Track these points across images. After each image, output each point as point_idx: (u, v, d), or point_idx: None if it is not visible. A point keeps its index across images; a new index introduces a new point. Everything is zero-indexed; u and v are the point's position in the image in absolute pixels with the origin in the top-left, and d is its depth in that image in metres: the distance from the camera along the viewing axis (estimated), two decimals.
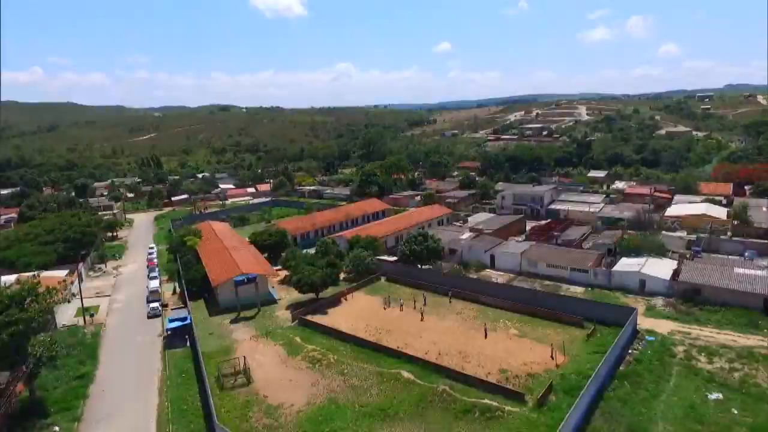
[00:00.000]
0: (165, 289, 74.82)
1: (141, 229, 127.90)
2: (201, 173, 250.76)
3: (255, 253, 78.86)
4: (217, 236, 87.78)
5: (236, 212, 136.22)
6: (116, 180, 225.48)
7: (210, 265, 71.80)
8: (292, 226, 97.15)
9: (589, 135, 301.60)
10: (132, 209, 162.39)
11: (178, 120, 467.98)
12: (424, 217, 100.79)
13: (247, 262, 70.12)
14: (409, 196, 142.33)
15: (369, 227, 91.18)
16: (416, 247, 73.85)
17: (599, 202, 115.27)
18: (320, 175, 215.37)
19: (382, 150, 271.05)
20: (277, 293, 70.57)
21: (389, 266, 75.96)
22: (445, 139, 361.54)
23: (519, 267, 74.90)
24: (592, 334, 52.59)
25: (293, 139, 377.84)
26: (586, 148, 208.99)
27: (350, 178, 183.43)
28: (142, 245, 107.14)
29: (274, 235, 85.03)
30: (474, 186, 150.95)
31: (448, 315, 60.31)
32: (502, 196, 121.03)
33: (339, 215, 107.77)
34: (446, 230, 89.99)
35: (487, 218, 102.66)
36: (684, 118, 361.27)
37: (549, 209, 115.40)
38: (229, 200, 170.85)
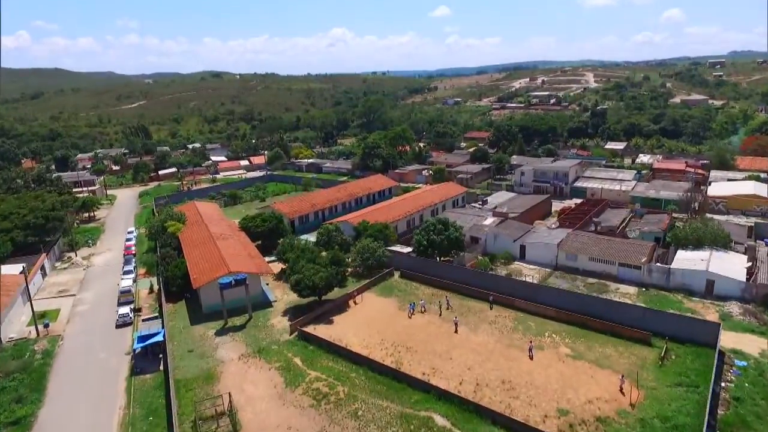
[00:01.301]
0: (141, 287, 63.83)
1: (123, 208, 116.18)
2: (192, 144, 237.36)
3: (246, 243, 67.65)
4: (202, 221, 76.38)
5: (227, 189, 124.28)
6: (100, 151, 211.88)
7: (192, 259, 60.61)
8: (289, 208, 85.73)
9: (600, 103, 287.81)
10: (116, 184, 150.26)
11: (168, 87, 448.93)
12: (438, 197, 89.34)
13: (235, 257, 58.96)
14: (416, 170, 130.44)
15: (376, 210, 79.90)
16: (435, 237, 62.74)
17: (630, 179, 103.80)
18: (318, 147, 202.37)
19: (382, 119, 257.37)
20: (273, 293, 59.73)
21: (403, 259, 64.99)
22: (447, 107, 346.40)
23: (555, 260, 64.06)
24: (665, 357, 42.12)
25: (289, 107, 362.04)
26: (601, 118, 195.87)
27: (351, 150, 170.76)
28: (122, 228, 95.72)
29: (269, 220, 73.70)
30: (486, 159, 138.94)
31: (480, 325, 49.69)
32: (521, 172, 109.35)
33: (341, 194, 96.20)
34: (465, 214, 78.76)
35: (509, 198, 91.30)
36: (696, 85, 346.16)
37: (574, 187, 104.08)
38: (220, 174, 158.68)
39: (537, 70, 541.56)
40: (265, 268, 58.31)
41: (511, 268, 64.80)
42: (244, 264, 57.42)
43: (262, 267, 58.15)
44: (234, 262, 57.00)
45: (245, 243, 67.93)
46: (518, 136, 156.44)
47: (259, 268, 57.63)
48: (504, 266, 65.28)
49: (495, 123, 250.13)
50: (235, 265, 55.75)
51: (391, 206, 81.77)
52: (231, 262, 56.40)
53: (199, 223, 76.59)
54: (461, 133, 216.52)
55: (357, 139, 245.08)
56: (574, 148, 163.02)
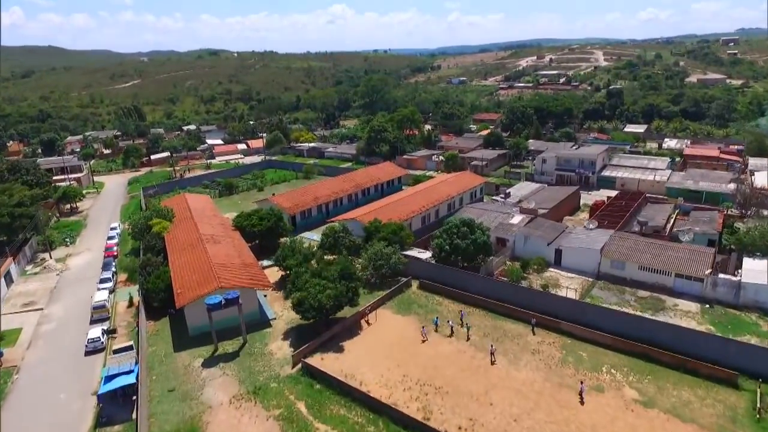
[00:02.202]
0: (120, 298, 55.34)
1: (109, 198, 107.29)
2: (187, 125, 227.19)
3: (240, 246, 58.92)
4: (192, 218, 67.57)
5: (223, 176, 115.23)
6: (90, 134, 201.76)
7: (177, 268, 51.98)
8: (290, 202, 76.83)
9: (612, 83, 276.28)
10: (105, 170, 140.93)
11: (164, 65, 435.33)
12: (455, 189, 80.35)
13: (227, 267, 50.31)
14: (426, 156, 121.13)
15: (388, 205, 71.03)
16: (459, 242, 54.03)
17: (663, 167, 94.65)
18: (320, 129, 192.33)
19: (385, 99, 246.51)
20: (271, 308, 51.28)
21: (422, 267, 56.37)
22: (452, 86, 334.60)
23: (597, 268, 55.45)
24: (763, 407, 33.79)
25: (288, 86, 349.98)
26: (618, 99, 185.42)
27: (354, 133, 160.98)
28: (107, 221, 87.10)
29: (267, 218, 64.88)
30: (501, 144, 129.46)
31: (521, 356, 41.30)
32: (542, 159, 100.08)
33: (347, 185, 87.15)
34: (486, 210, 69.87)
35: (533, 190, 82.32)
36: (710, 64, 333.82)
37: (601, 176, 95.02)
38: (216, 158, 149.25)
39: (543, 48, 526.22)
40: (263, 281, 49.68)
41: (546, 276, 56.25)
42: (238, 276, 48.81)
43: (258, 280, 49.54)
44: (225, 273, 48.39)
45: (239, 246, 59.23)
46: (533, 118, 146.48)
47: (255, 281, 49.03)
48: (537, 274, 56.75)
49: (504, 104, 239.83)
50: (226, 278, 47.18)
51: (404, 200, 72.85)
52: (222, 274, 47.79)
53: (188, 220, 67.79)
54: (469, 114, 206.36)
55: (360, 120, 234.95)
56: (592, 131, 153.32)
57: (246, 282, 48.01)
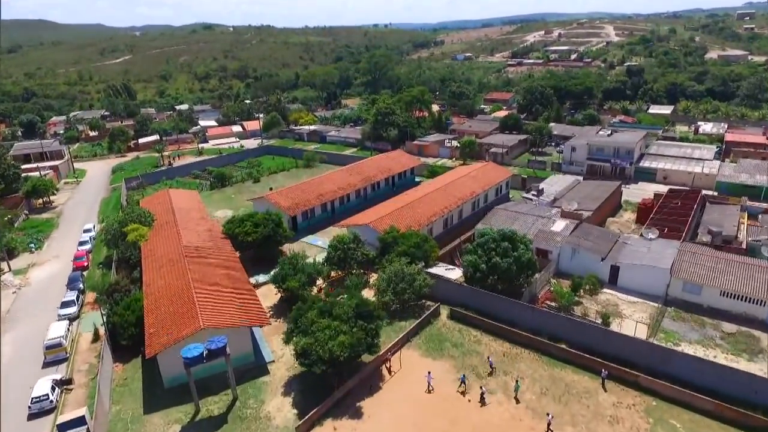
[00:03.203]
0: (84, 328, 45.44)
1: (90, 189, 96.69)
2: (180, 104, 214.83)
3: (231, 262, 48.73)
4: (175, 222, 57.31)
5: (215, 164, 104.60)
6: (77, 113, 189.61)
7: (152, 297, 41.96)
8: (289, 201, 66.42)
9: (627, 59, 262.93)
10: (89, 155, 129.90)
11: (156, 40, 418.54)
12: (479, 184, 69.92)
13: (214, 299, 40.21)
14: (439, 141, 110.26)
15: (404, 206, 60.64)
16: (499, 261, 43.98)
17: (710, 157, 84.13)
18: (321, 110, 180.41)
19: (388, 76, 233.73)
20: (269, 347, 41.46)
21: (452, 289, 46.47)
22: (457, 63, 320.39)
23: (665, 291, 45.59)
24: None
25: (286, 62, 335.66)
26: (639, 77, 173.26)
27: (358, 114, 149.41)
28: (83, 220, 76.96)
29: (263, 225, 54.66)
30: (519, 128, 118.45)
31: (595, 426, 31.64)
32: (571, 147, 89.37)
33: (354, 179, 76.63)
34: (520, 212, 59.56)
35: (568, 186, 72.00)
36: (727, 39, 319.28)
37: (638, 167, 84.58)
38: (209, 142, 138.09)
39: (549, 23, 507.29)
40: (259, 315, 39.52)
41: (602, 300, 46.41)
42: (227, 310, 38.80)
43: (253, 313, 39.46)
44: (211, 308, 38.36)
45: (230, 262, 49.11)
46: (553, 99, 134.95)
47: (249, 315, 38.95)
48: (589, 296, 46.95)
49: (513, 81, 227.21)
50: (211, 316, 37.20)
51: (423, 200, 62.44)
52: (206, 310, 37.78)
53: (170, 225, 57.53)
54: (477, 93, 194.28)
55: (362, 98, 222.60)
56: (614, 113, 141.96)
57: (237, 318, 38.06)
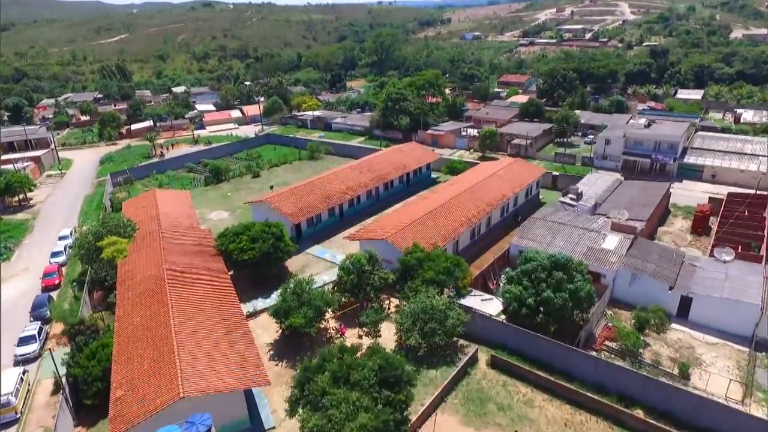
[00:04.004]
0: (44, 375, 37.53)
1: (74, 183, 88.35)
2: (177, 86, 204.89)
3: (223, 294, 40.40)
4: (159, 233, 48.95)
5: (211, 155, 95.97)
6: (67, 96, 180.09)
7: (123, 344, 33.84)
8: (292, 205, 57.84)
9: (645, 38, 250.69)
10: (78, 142, 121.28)
11: (153, 18, 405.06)
12: (509, 185, 61.13)
13: (200, 352, 32.06)
14: (454, 131, 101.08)
15: (424, 213, 51.95)
16: (551, 295, 35.66)
17: (764, 152, 74.98)
18: (325, 93, 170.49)
19: (395, 57, 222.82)
20: (269, 406, 33.47)
21: (490, 327, 38.27)
22: (466, 42, 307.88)
23: (753, 331, 37.29)
24: None
25: (288, 42, 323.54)
26: (664, 59, 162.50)
27: (365, 99, 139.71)
28: (62, 221, 68.92)
29: (261, 239, 46.30)
30: (541, 115, 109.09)
31: None
32: (605, 140, 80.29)
33: (364, 177, 67.89)
34: (562, 222, 51.02)
35: (609, 186, 63.26)
36: (749, 17, 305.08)
37: (682, 164, 75.62)
38: (206, 129, 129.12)
39: (560, 0, 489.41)
40: (256, 373, 31.26)
41: (672, 340, 38.19)
42: (215, 365, 30.70)
43: (249, 370, 31.26)
44: (194, 362, 30.25)
45: (222, 291, 40.83)
46: (576, 83, 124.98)
47: (243, 375, 30.79)
48: (656, 334, 38.73)
49: (526, 63, 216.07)
50: (195, 376, 29.12)
51: (447, 207, 53.77)
52: (188, 366, 29.70)
53: (153, 237, 49.21)
54: (489, 75, 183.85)
55: (367, 80, 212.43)
56: (641, 98, 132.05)
57: (228, 378, 29.96)
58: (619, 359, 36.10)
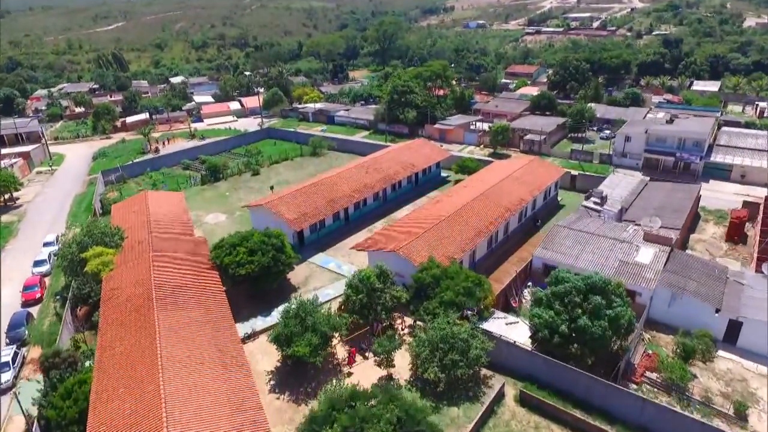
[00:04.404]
0: (16, 410, 33.52)
1: (65, 181, 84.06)
2: (175, 75, 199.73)
3: (218, 317, 36.20)
4: (149, 245, 44.69)
5: (208, 151, 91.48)
6: (61, 87, 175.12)
7: (102, 380, 29.77)
8: (294, 210, 53.52)
9: (655, 27, 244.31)
10: (72, 135, 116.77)
11: (151, 5, 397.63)
12: (527, 189, 56.65)
13: (191, 395, 27.97)
14: (464, 125, 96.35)
15: (437, 220, 47.69)
16: (587, 323, 31.51)
17: None
18: (327, 84, 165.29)
19: (398, 46, 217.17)
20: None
21: (516, 355, 34.19)
22: (470, 31, 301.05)
23: None
24: None
25: (288, 30, 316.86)
26: (677, 48, 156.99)
27: (369, 91, 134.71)
28: (49, 224, 64.83)
29: (260, 251, 42.07)
30: (553, 108, 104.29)
31: None
32: (625, 137, 75.67)
33: (370, 178, 63.37)
34: (589, 231, 46.70)
35: (634, 188, 58.88)
36: (761, 5, 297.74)
37: (708, 163, 71.13)
38: (204, 122, 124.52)
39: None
40: (255, 423, 27.05)
41: (720, 370, 34.10)
42: (207, 414, 26.61)
43: (246, 418, 27.08)
44: (184, 409, 26.19)
45: (216, 310, 36.74)
46: (589, 75, 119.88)
47: (240, 422, 26.70)
48: (702, 363, 34.64)
49: (533, 52, 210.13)
50: (184, 425, 25.08)
51: (463, 213, 49.40)
52: (176, 414, 25.64)
53: (142, 246, 44.99)
54: (496, 65, 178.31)
55: (370, 70, 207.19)
56: (655, 90, 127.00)
57: (224, 426, 25.89)
58: (664, 394, 32.09)
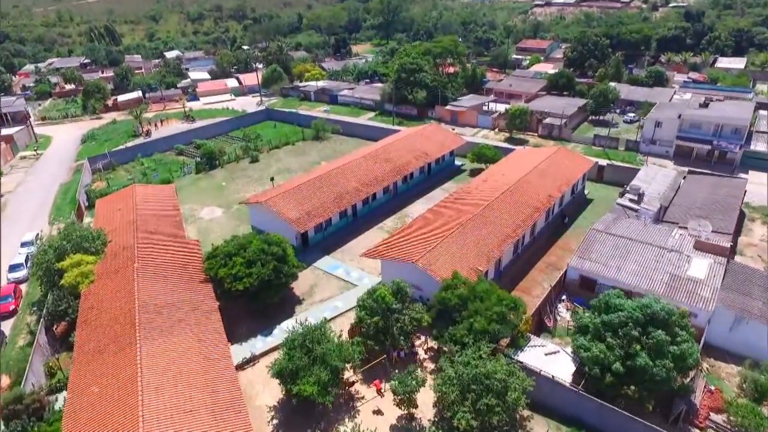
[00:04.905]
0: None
1: (50, 167, 78.43)
2: (170, 50, 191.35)
3: (211, 346, 31.18)
4: (134, 250, 39.51)
5: (204, 135, 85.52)
6: (50, 62, 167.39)
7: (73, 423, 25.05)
8: (297, 209, 48.05)
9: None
10: (61, 116, 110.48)
11: None
12: (555, 183, 51.02)
13: None
14: (477, 107, 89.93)
15: (456, 223, 42.36)
16: (647, 362, 26.46)
17: None
18: (329, 60, 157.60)
19: (402, 18, 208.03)
20: None
21: (559, 393, 29.35)
22: (477, 3, 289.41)
23: None
24: None
25: (288, 1, 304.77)
26: (698, 22, 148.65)
27: (374, 68, 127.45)
28: (31, 218, 59.61)
29: (260, 264, 36.86)
30: (572, 88, 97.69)
31: None
32: (656, 122, 69.60)
33: (381, 169, 57.73)
34: (629, 236, 41.42)
35: (671, 182, 53.29)
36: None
37: (748, 152, 65.30)
38: (200, 101, 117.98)
39: None
40: None
41: None
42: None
43: None
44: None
45: (208, 336, 31.76)
46: (609, 51, 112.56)
47: None
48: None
49: (543, 25, 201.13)
50: None
51: (487, 214, 43.95)
52: None
53: (127, 253, 39.76)
54: (505, 38, 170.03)
55: (373, 44, 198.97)
56: (677, 67, 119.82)
57: None
58: None
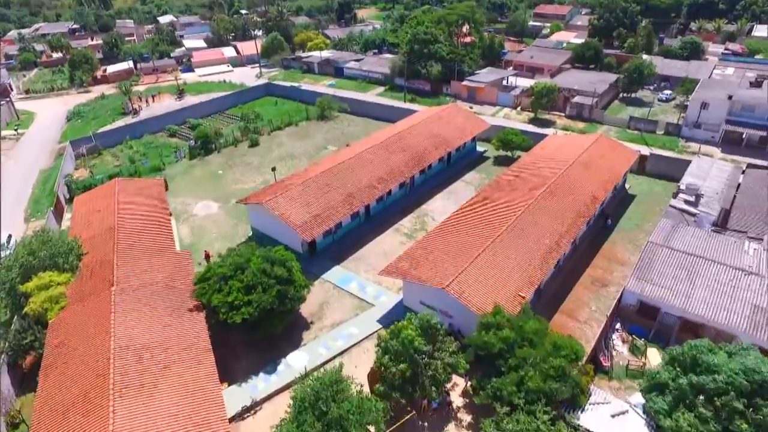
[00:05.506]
0: None
1: (31, 150, 71.74)
2: (164, 14, 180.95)
3: (202, 399, 25.50)
4: (112, 268, 33.45)
5: (198, 113, 78.37)
6: (37, 27, 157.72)
7: None
8: (305, 213, 41.59)
9: None
10: (46, 89, 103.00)
11: None
12: (598, 180, 44.33)
13: None
14: (496, 82, 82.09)
15: (494, 236, 35.96)
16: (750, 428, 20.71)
17: None
18: (333, 27, 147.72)
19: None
20: None
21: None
22: None
23: None
24: None
25: None
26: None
27: (382, 37, 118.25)
28: (6, 212, 53.44)
29: (261, 289, 30.83)
30: (599, 61, 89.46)
31: None
32: (702, 103, 62.15)
33: (396, 159, 50.95)
34: (696, 253, 35.16)
35: (727, 179, 46.56)
36: None
37: None
38: (196, 71, 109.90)
39: None
40: None
41: None
42: None
43: None
44: None
45: (200, 389, 26.00)
46: (639, 19, 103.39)
47: None
48: None
49: None
50: None
51: (523, 225, 37.59)
52: None
53: (104, 269, 33.70)
54: (519, 2, 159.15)
55: (378, 8, 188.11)
56: (709, 36, 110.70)
57: None
58: None
